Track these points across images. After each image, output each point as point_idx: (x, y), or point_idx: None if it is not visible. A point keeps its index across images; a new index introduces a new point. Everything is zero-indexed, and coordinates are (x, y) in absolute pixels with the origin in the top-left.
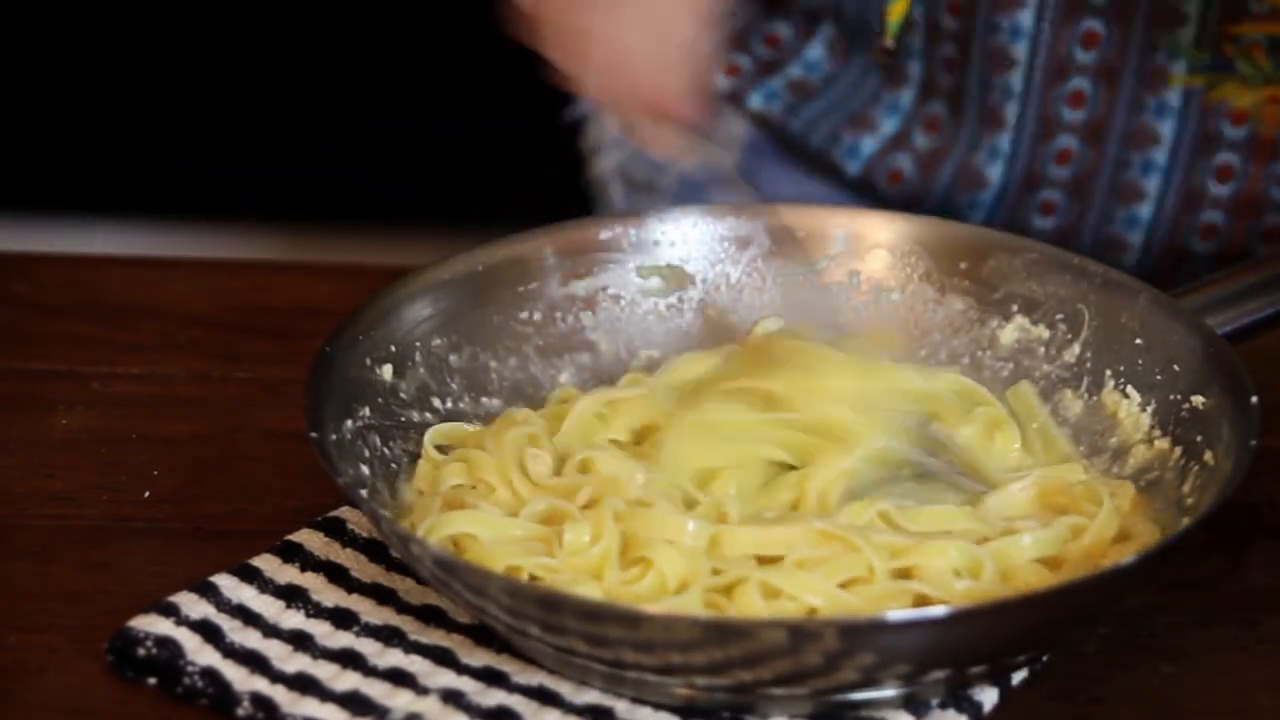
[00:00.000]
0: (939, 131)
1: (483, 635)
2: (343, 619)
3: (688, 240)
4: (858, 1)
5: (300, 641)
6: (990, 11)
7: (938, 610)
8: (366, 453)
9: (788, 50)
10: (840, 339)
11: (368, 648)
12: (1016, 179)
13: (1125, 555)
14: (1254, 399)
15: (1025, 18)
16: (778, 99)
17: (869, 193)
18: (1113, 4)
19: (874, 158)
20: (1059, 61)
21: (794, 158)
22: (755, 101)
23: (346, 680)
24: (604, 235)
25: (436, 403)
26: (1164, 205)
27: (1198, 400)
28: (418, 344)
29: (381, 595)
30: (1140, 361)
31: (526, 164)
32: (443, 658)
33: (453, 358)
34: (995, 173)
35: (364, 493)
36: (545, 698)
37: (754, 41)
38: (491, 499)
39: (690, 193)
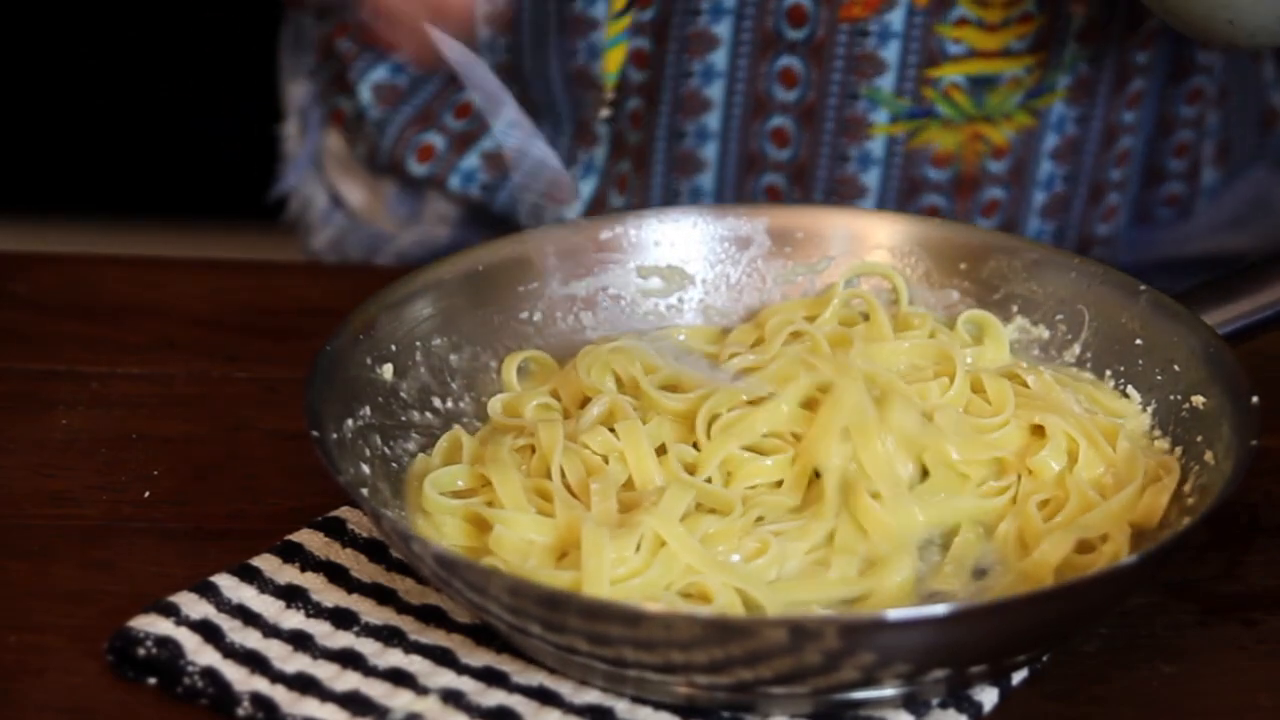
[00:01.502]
0: (629, 189)
1: (483, 635)
2: (343, 619)
3: (688, 241)
4: (561, 61)
5: (300, 641)
6: (681, 57)
7: (938, 609)
8: (367, 452)
9: (478, 119)
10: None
11: (368, 648)
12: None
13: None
14: (1254, 399)
15: (719, 58)
16: (475, 179)
17: None
18: (809, 44)
19: None
20: (759, 99)
21: (506, 230)
22: (454, 184)
23: (346, 680)
24: (604, 235)
25: (437, 402)
26: None
27: (1198, 400)
28: (418, 344)
29: (381, 595)
30: (1140, 362)
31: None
32: (443, 658)
33: (453, 357)
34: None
35: (365, 492)
36: (545, 698)
37: (445, 116)
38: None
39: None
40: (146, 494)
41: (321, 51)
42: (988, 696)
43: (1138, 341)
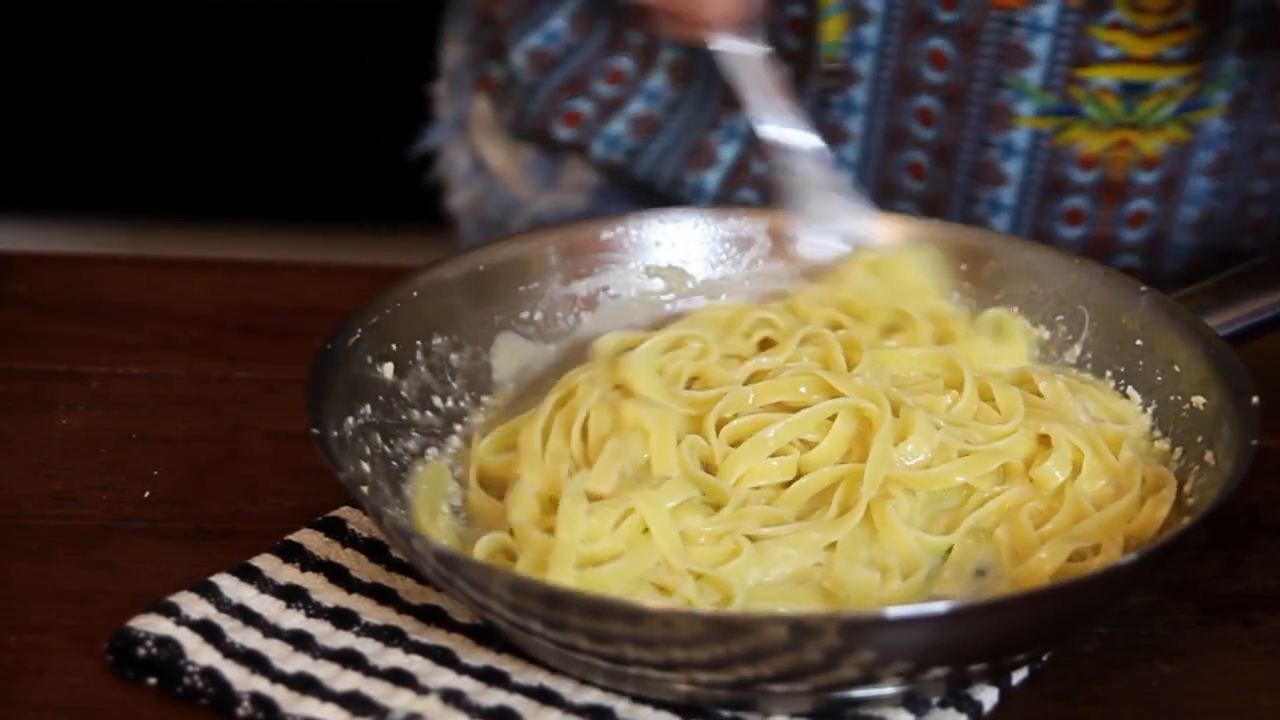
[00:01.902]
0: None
1: (483, 635)
2: (343, 619)
3: (688, 241)
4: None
5: (300, 641)
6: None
7: (938, 607)
8: (368, 450)
9: (630, 85)
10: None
11: (368, 648)
12: (870, 188)
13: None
14: (1254, 399)
15: (870, 33)
16: (619, 144)
17: None
18: (959, 27)
19: (719, 193)
20: (906, 76)
21: (644, 199)
22: (598, 150)
23: (347, 680)
24: (605, 235)
25: (437, 402)
26: None
27: (1198, 400)
28: (418, 343)
29: (382, 595)
30: (1141, 362)
31: None
32: (443, 658)
33: (453, 357)
34: (844, 184)
35: (365, 490)
36: (545, 697)
37: (595, 82)
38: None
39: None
40: (146, 494)
41: (480, 16)
42: (987, 696)
43: (1138, 342)
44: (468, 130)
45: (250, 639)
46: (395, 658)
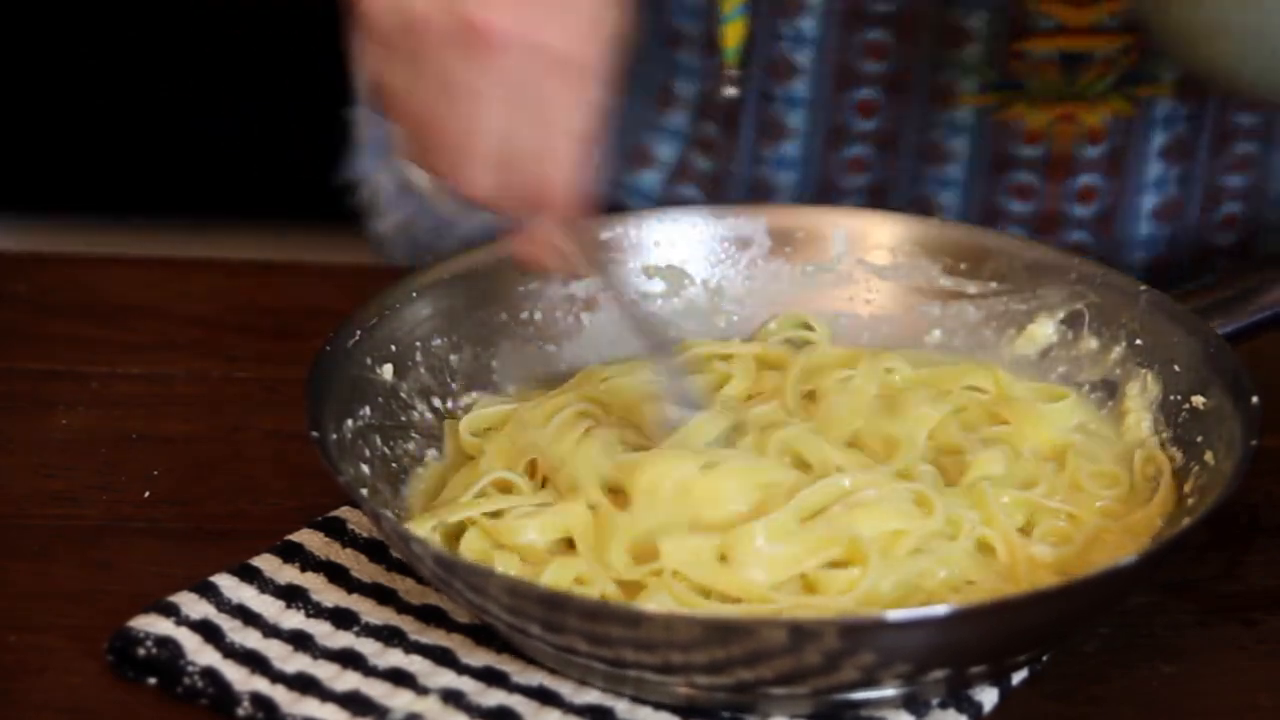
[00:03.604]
0: (715, 151)
1: (483, 635)
2: (343, 619)
3: (688, 241)
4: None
5: (300, 641)
6: (771, 19)
7: (938, 610)
8: (367, 452)
9: None
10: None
11: (368, 648)
12: (811, 187)
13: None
14: (1254, 399)
15: (808, 24)
16: None
17: None
18: (898, 16)
19: (659, 192)
20: (845, 70)
21: None
22: None
23: (346, 680)
24: (604, 235)
25: (437, 402)
26: (964, 220)
27: (1198, 400)
28: (418, 344)
29: (381, 595)
30: (1140, 362)
31: None
32: (443, 658)
33: (453, 358)
34: (788, 181)
35: (365, 492)
36: (545, 698)
37: None
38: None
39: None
40: (146, 494)
41: None
42: (988, 696)
43: (1138, 342)
44: (391, 152)
45: (250, 639)
46: (395, 658)
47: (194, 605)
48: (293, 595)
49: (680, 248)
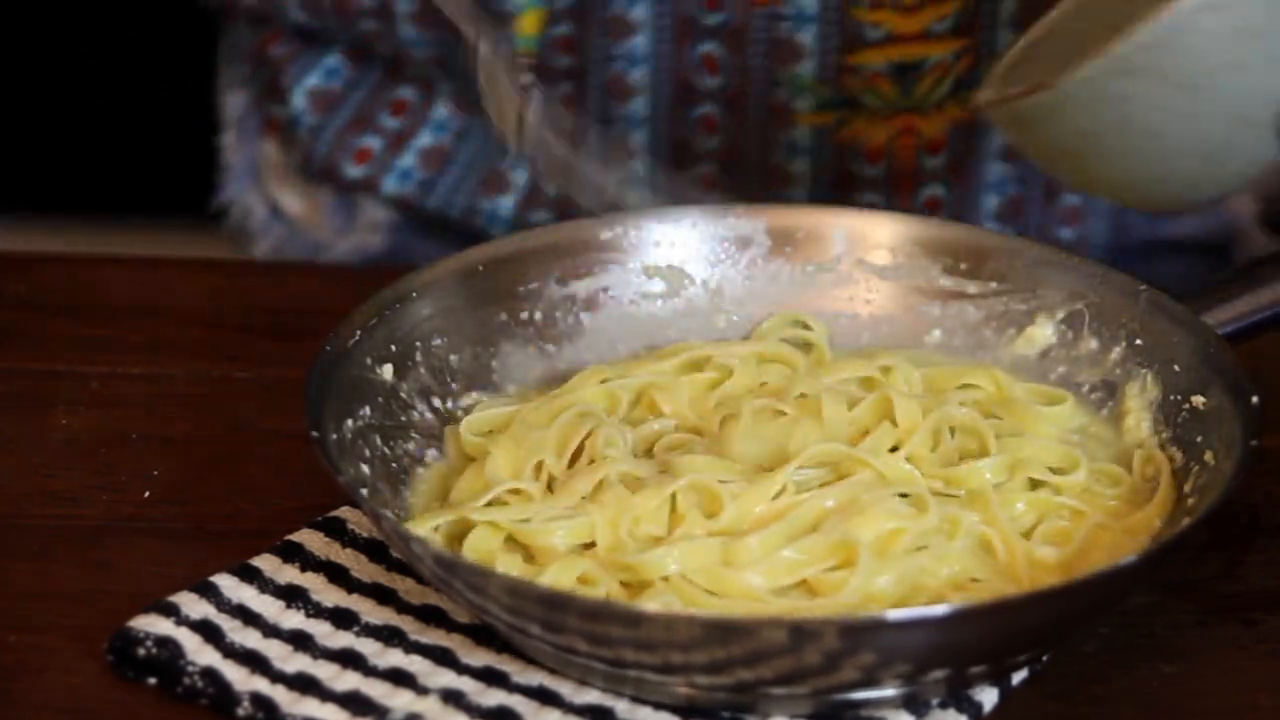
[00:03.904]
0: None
1: (483, 635)
2: (343, 619)
3: (688, 241)
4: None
5: (300, 641)
6: (603, 41)
7: (938, 610)
8: (367, 452)
9: (415, 115)
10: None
11: (368, 648)
12: (662, 202)
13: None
14: (1254, 399)
15: (640, 42)
16: (411, 177)
17: None
18: (728, 29)
19: (514, 217)
20: (683, 85)
21: (440, 233)
22: (390, 186)
23: (346, 680)
24: (604, 235)
25: (437, 402)
26: None
27: (1198, 400)
28: (418, 344)
29: (382, 595)
30: (1140, 362)
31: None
32: (443, 658)
33: (453, 358)
34: (634, 199)
35: (365, 492)
36: (545, 698)
37: (380, 115)
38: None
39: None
40: (146, 494)
41: (254, 60)
42: (988, 696)
43: (1138, 341)
44: (261, 177)
45: (250, 639)
46: (395, 658)
47: (194, 605)
48: (293, 595)
49: (680, 248)
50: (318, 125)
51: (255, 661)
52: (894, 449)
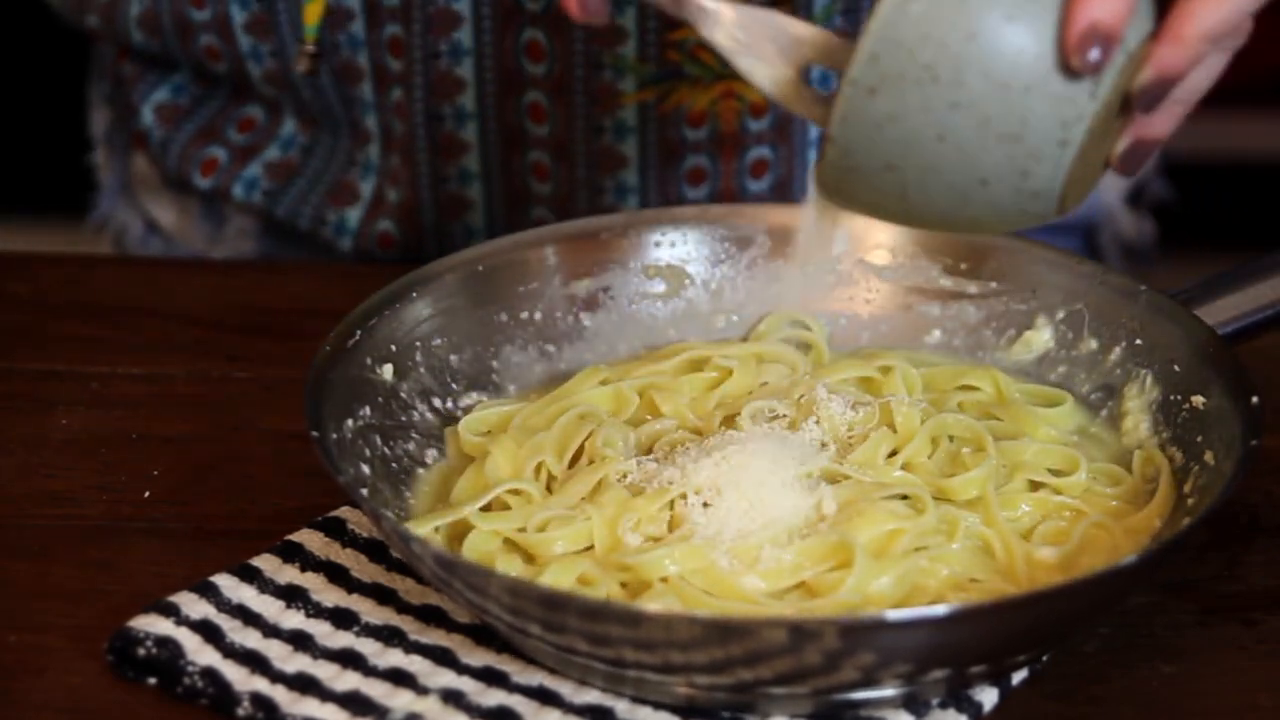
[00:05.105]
0: (400, 183)
1: (483, 635)
2: (343, 619)
3: (688, 240)
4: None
5: (300, 641)
6: (427, 38)
7: (938, 610)
8: (367, 452)
9: (262, 132)
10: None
11: (368, 648)
12: (501, 198)
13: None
14: (1254, 399)
15: (465, 35)
16: (257, 187)
17: (368, 258)
18: (550, 15)
19: (361, 228)
20: (510, 74)
21: (287, 241)
22: (238, 193)
23: (346, 680)
24: (604, 235)
25: (437, 402)
26: None
27: (1198, 400)
28: (418, 344)
29: (381, 595)
30: (1140, 362)
31: None
32: (443, 658)
33: (453, 358)
34: (475, 194)
35: (365, 492)
36: (545, 698)
37: (227, 130)
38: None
39: None
40: (146, 494)
41: (112, 77)
42: (988, 696)
43: (1138, 341)
44: (133, 192)
45: (250, 639)
46: (395, 658)
47: (194, 605)
48: (293, 595)
49: (680, 248)
50: (166, 139)
51: (255, 661)
52: (893, 453)
